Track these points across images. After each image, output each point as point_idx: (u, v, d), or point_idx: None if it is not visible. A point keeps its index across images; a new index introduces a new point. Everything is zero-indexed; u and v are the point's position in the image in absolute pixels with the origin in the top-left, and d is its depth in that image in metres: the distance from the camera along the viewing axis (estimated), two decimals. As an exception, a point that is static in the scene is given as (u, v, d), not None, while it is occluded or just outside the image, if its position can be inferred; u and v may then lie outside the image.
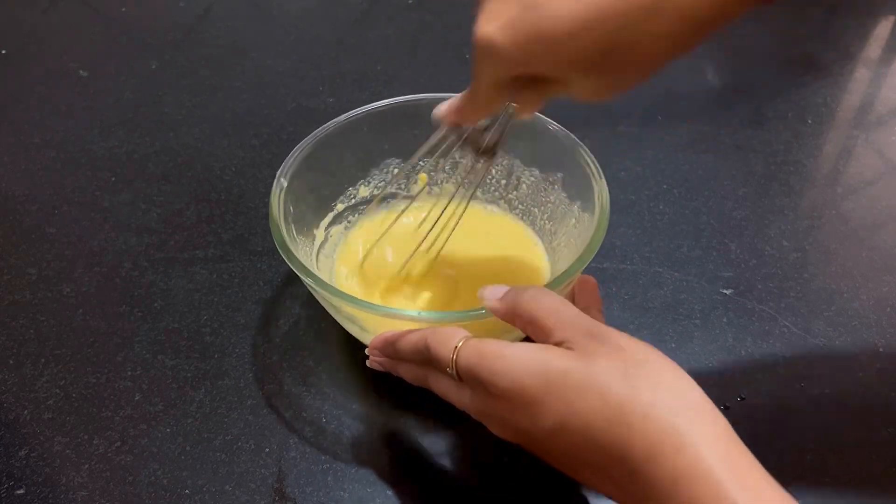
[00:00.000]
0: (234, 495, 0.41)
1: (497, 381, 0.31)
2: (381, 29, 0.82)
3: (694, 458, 0.27)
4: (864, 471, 0.43)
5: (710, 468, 0.27)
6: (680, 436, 0.28)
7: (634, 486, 0.29)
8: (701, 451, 0.27)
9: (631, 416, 0.29)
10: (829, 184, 0.63)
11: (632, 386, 0.29)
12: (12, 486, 0.42)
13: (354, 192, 0.53)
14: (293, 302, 0.52)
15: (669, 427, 0.28)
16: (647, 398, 0.29)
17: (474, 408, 0.34)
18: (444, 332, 0.34)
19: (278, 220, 0.43)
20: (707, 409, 0.29)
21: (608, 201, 0.43)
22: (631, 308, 0.52)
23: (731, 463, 0.27)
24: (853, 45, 0.81)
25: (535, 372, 0.31)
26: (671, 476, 0.27)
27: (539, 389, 0.30)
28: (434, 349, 0.34)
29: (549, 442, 0.31)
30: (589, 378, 0.30)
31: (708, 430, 0.28)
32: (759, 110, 0.70)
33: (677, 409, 0.28)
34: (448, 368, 0.34)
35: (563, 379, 0.30)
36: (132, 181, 0.62)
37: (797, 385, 0.47)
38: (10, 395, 0.46)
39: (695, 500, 0.27)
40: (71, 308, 0.51)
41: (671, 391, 0.29)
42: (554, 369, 0.30)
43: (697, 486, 0.27)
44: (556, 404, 0.30)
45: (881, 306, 0.52)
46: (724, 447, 0.28)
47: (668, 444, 0.28)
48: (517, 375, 0.31)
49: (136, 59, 0.77)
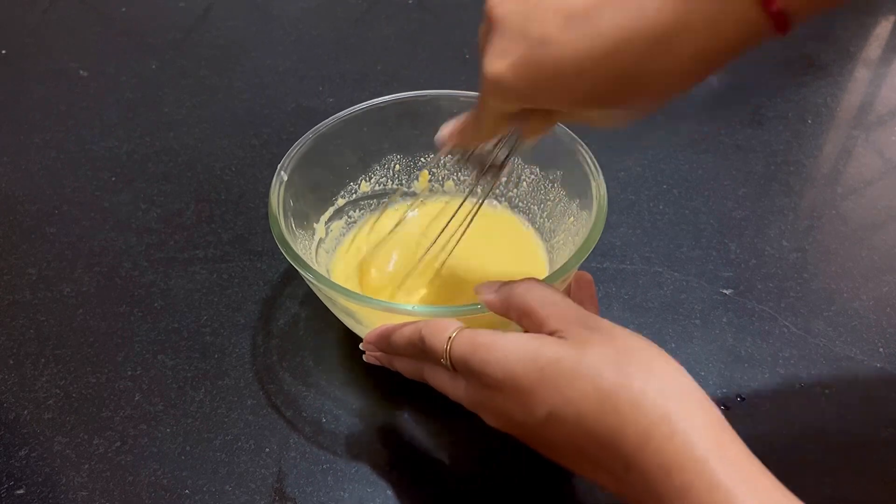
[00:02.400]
0: (234, 495, 0.41)
1: (490, 371, 0.31)
2: (381, 29, 0.82)
3: (686, 446, 0.27)
4: (864, 471, 0.43)
5: (703, 455, 0.27)
6: (671, 423, 0.28)
7: (629, 475, 0.29)
8: (692, 438, 0.27)
9: (622, 403, 0.29)
10: (829, 184, 0.63)
11: (624, 374, 0.29)
12: (12, 486, 0.42)
13: (355, 187, 0.53)
14: (293, 302, 0.52)
15: (660, 414, 0.28)
16: (638, 386, 0.29)
17: (469, 399, 0.34)
18: (438, 324, 0.35)
19: (277, 213, 0.43)
20: (698, 397, 0.29)
21: (606, 197, 0.43)
22: (631, 308, 0.52)
23: (724, 450, 0.27)
24: (853, 45, 0.81)
25: (527, 361, 0.31)
26: (663, 464, 0.27)
27: (531, 378, 0.30)
28: (428, 341, 0.34)
29: (542, 431, 0.31)
30: (581, 366, 0.30)
31: (699, 418, 0.28)
32: (759, 110, 0.70)
33: (668, 396, 0.28)
34: (442, 360, 0.34)
35: (555, 367, 0.30)
36: (132, 181, 0.62)
37: (797, 385, 0.47)
38: (10, 395, 0.46)
39: (688, 488, 0.27)
40: (71, 308, 0.51)
41: (662, 379, 0.29)
42: (546, 358, 0.31)
43: (690, 473, 0.27)
44: (549, 393, 0.30)
45: (881, 306, 0.52)
46: (716, 435, 0.28)
47: (660, 432, 0.28)
48: (510, 365, 0.31)
49: (136, 59, 0.77)
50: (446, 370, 0.35)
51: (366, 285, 0.49)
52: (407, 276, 0.48)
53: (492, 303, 0.36)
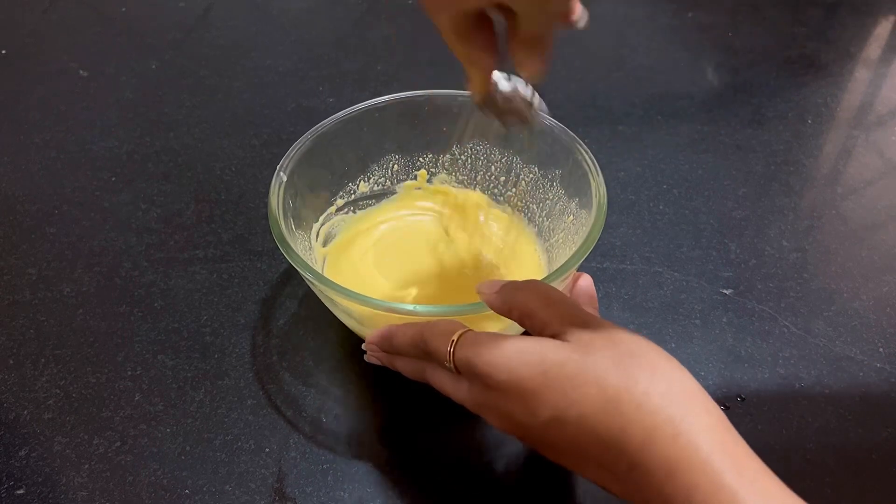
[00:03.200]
0: (234, 495, 0.41)
1: (494, 374, 0.31)
2: (381, 29, 0.82)
3: (690, 447, 0.27)
4: (864, 471, 0.43)
5: (707, 456, 0.27)
6: (675, 425, 0.28)
7: (632, 477, 0.29)
8: (696, 440, 0.27)
9: (626, 405, 0.29)
10: (829, 184, 0.63)
11: (627, 375, 0.29)
12: (12, 486, 0.42)
13: (354, 187, 0.53)
14: (293, 302, 0.52)
15: (665, 416, 0.28)
16: (642, 388, 0.29)
17: (472, 401, 0.34)
18: (442, 326, 0.35)
19: (277, 214, 0.43)
20: (702, 398, 0.29)
21: (605, 196, 0.43)
22: (631, 308, 0.52)
23: (728, 451, 0.27)
24: (853, 45, 0.81)
25: (532, 363, 0.31)
26: (667, 465, 0.27)
27: (536, 381, 0.30)
28: (431, 342, 0.34)
29: (546, 433, 0.31)
30: (585, 368, 0.30)
31: (703, 419, 0.28)
32: (759, 110, 0.70)
33: (672, 398, 0.29)
34: (446, 362, 0.34)
35: (559, 370, 0.30)
36: (132, 181, 0.62)
37: (797, 385, 0.47)
38: (10, 395, 0.46)
39: (692, 489, 0.27)
40: (71, 308, 0.51)
41: (666, 381, 0.29)
42: (550, 360, 0.31)
43: (694, 474, 0.27)
44: (553, 395, 0.30)
45: (881, 306, 0.52)
46: (720, 436, 0.28)
47: (664, 433, 0.28)
48: (514, 367, 0.31)
49: (136, 59, 0.77)
50: (449, 372, 0.34)
51: (368, 285, 0.49)
52: (408, 274, 0.48)
53: (493, 303, 0.36)
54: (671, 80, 0.75)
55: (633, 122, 0.68)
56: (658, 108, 0.70)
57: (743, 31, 0.82)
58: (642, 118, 0.69)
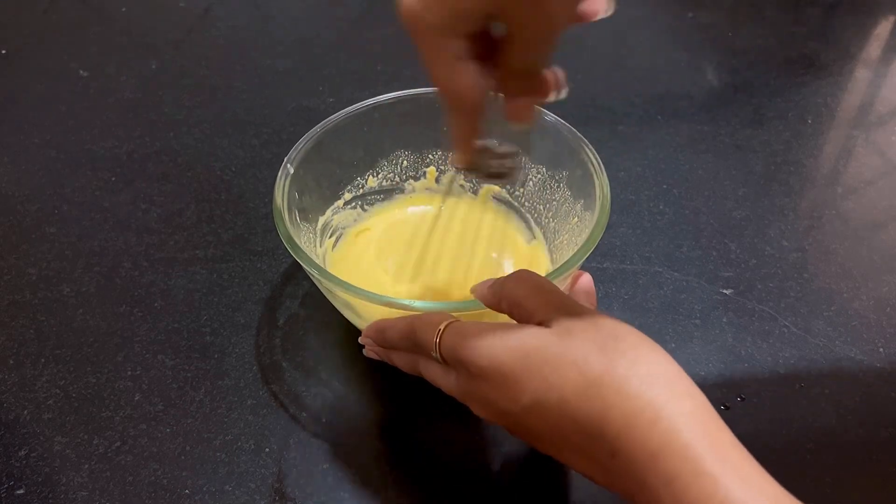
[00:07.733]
0: (234, 495, 0.41)
1: (476, 360, 0.32)
2: (381, 29, 0.82)
3: (671, 432, 0.27)
4: (865, 471, 0.43)
5: (688, 442, 0.27)
6: (656, 409, 0.27)
7: (614, 462, 0.28)
8: (677, 425, 0.27)
9: (607, 388, 0.28)
10: (829, 184, 0.63)
11: (609, 359, 0.29)
12: (12, 486, 0.42)
13: (362, 182, 0.53)
14: (293, 302, 0.52)
15: (645, 400, 0.28)
16: (622, 372, 0.29)
17: (459, 390, 0.34)
18: (429, 318, 0.35)
19: (282, 207, 0.43)
20: (685, 383, 0.29)
21: (609, 194, 0.43)
22: (631, 308, 0.52)
23: (710, 437, 0.27)
24: (853, 45, 0.81)
25: (513, 349, 0.31)
26: (648, 450, 0.27)
27: (516, 366, 0.31)
28: (419, 334, 0.35)
29: (527, 419, 0.31)
30: (566, 352, 0.30)
31: (685, 404, 0.28)
32: (759, 110, 0.70)
33: (653, 382, 0.28)
34: (433, 352, 0.34)
35: (540, 354, 0.30)
36: (132, 181, 0.62)
37: (797, 385, 0.47)
38: (10, 395, 0.46)
39: (673, 475, 0.26)
40: (71, 308, 0.51)
41: (648, 365, 0.29)
42: (531, 345, 0.31)
43: (675, 459, 0.27)
44: (534, 380, 0.30)
45: (881, 306, 0.52)
46: (702, 421, 0.28)
47: (644, 418, 0.27)
48: (496, 353, 0.31)
49: (136, 59, 0.77)
50: (438, 363, 0.35)
51: (370, 279, 0.49)
52: (412, 271, 0.48)
53: (485, 297, 0.36)
54: (671, 80, 0.75)
55: (633, 122, 0.68)
56: (658, 108, 0.70)
57: (743, 31, 0.82)
58: (642, 118, 0.69)
